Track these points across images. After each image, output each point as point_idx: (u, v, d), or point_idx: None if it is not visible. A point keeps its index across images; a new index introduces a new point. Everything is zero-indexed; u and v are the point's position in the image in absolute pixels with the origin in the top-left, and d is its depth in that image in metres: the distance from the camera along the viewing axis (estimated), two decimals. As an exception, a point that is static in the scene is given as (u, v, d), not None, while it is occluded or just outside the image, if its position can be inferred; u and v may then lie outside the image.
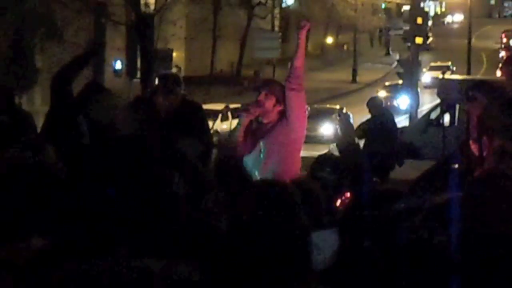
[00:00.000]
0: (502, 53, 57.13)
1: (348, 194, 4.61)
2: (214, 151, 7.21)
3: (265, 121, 5.85)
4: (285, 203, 2.96)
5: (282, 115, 5.83)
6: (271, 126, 5.82)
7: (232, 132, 6.13)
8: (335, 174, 4.85)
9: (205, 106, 9.33)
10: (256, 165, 5.66)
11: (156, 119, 6.86)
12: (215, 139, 9.19)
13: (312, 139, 20.89)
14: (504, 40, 66.93)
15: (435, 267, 3.29)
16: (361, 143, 12.77)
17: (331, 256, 3.52)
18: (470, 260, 3.20)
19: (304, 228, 2.99)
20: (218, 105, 29.10)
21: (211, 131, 8.17)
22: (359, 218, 3.43)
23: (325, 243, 3.55)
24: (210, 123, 8.95)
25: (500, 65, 7.31)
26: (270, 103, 5.80)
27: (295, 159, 5.76)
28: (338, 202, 4.67)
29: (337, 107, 32.34)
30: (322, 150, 10.86)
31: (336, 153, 5.81)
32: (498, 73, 22.01)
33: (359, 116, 20.43)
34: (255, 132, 5.87)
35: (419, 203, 3.71)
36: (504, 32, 68.58)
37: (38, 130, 7.34)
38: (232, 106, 26.10)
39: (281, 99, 5.85)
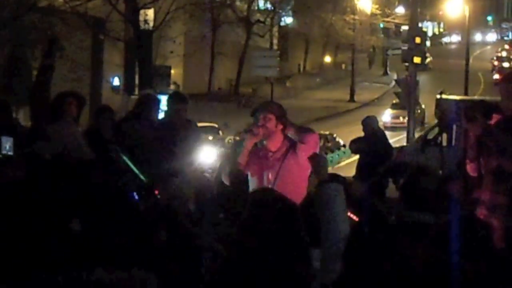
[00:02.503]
0: (496, 76, 58.64)
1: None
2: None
3: (270, 147, 5.76)
4: (289, 219, 2.95)
5: (288, 140, 5.77)
6: (281, 156, 5.74)
7: (232, 155, 5.99)
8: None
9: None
10: None
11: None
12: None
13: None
14: (496, 63, 68.27)
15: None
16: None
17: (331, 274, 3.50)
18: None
19: (305, 245, 2.98)
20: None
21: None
22: (361, 240, 3.41)
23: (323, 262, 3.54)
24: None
25: (497, 80, 7.31)
26: (271, 123, 5.73)
27: (303, 185, 5.71)
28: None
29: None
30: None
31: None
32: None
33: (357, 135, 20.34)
34: (261, 158, 5.79)
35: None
36: (496, 57, 70.95)
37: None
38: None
39: (281, 117, 5.78)
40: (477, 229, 3.46)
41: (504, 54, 74.62)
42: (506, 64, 68.16)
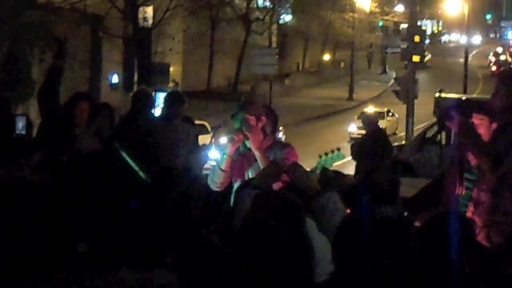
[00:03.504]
0: (494, 68, 63.34)
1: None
2: None
3: (254, 146, 5.71)
4: (292, 215, 2.97)
5: (266, 136, 5.74)
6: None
7: (214, 168, 5.92)
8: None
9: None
10: None
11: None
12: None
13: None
14: (493, 59, 70.52)
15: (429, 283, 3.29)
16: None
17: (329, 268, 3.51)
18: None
19: (307, 240, 3.00)
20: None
21: None
22: (356, 237, 3.40)
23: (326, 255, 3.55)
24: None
25: (495, 72, 7.31)
26: (252, 122, 5.70)
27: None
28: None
29: None
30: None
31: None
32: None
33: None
34: (242, 158, 5.78)
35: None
36: (493, 52, 73.49)
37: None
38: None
39: (260, 116, 5.75)
40: (463, 226, 3.48)
41: (500, 50, 77.17)
42: (503, 57, 69.97)
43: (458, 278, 3.26)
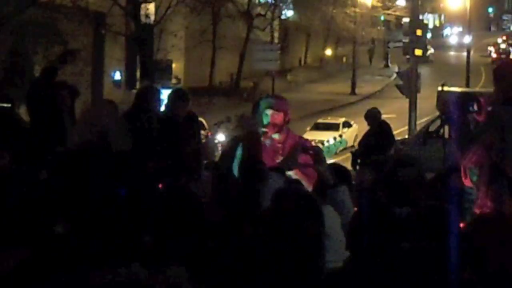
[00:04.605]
0: (494, 55, 65.83)
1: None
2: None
3: (281, 140, 5.95)
4: (309, 214, 3.03)
5: (293, 133, 6.00)
6: (288, 147, 5.90)
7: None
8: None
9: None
10: None
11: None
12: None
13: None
14: (492, 49, 71.46)
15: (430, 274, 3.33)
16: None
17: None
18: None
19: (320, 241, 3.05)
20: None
21: None
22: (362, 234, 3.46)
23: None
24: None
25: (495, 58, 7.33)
26: (280, 119, 5.95)
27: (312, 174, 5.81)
28: None
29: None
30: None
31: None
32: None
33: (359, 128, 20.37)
34: (269, 151, 5.93)
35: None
36: (493, 44, 74.30)
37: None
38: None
39: (287, 111, 6.03)
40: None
41: (499, 40, 77.95)
42: (503, 46, 70.68)
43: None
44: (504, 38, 77.76)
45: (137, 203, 3.69)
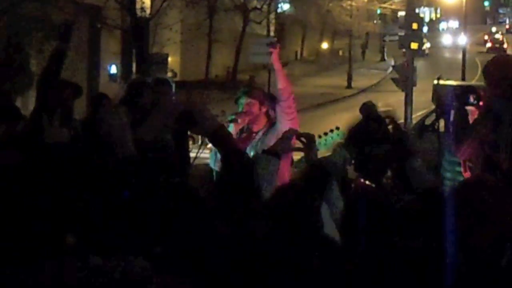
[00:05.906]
0: (488, 44, 69.54)
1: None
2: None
3: (255, 129, 5.92)
4: (308, 210, 3.05)
5: (270, 119, 5.92)
6: (262, 134, 5.87)
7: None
8: None
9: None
10: None
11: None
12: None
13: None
14: (486, 37, 74.81)
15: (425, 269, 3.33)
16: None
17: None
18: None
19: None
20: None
21: None
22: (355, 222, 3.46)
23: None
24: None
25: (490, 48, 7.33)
26: (255, 108, 5.91)
27: (286, 167, 5.76)
28: None
29: None
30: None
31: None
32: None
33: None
34: (244, 140, 5.91)
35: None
36: (487, 33, 77.89)
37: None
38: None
39: (264, 101, 5.97)
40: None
41: (494, 29, 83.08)
42: (498, 36, 72.88)
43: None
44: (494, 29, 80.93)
45: (140, 204, 3.65)
